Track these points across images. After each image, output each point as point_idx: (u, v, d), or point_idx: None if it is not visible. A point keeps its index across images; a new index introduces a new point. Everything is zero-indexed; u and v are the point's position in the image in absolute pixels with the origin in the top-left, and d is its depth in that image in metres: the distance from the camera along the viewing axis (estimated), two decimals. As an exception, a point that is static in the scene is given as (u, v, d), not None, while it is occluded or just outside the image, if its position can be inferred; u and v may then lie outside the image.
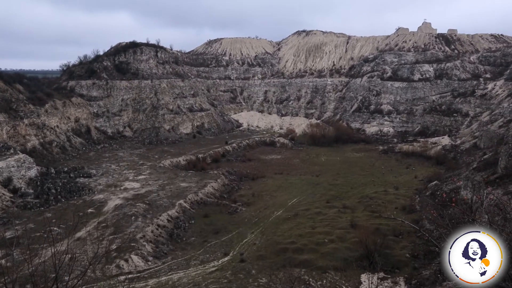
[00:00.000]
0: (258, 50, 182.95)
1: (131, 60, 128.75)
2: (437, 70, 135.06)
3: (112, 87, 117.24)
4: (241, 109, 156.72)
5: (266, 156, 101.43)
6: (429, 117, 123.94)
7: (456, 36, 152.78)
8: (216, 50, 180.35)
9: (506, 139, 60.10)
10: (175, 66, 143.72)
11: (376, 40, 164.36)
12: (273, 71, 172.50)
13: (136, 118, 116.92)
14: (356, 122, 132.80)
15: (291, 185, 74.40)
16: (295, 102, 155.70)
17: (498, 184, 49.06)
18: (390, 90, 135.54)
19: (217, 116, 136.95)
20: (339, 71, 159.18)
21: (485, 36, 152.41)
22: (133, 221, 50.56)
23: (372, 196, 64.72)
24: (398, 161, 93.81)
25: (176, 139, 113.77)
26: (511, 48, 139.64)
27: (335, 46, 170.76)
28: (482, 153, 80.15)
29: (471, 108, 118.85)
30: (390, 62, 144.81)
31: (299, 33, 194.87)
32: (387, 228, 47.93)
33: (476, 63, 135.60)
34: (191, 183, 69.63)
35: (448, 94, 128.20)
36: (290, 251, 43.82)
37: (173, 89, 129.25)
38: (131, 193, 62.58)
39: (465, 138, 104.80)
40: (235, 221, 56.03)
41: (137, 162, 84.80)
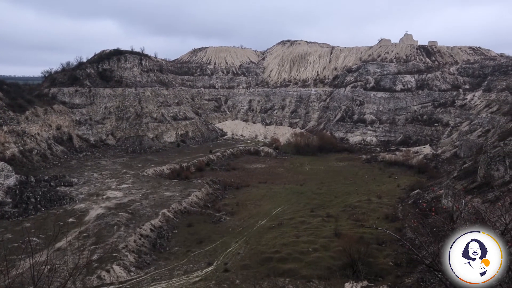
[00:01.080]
0: (243, 59, 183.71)
1: (115, 68, 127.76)
2: (419, 80, 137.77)
3: (95, 95, 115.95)
4: (226, 118, 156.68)
5: (250, 165, 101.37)
6: (411, 126, 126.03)
7: (437, 48, 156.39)
8: (201, 59, 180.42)
9: (485, 149, 61.53)
10: (160, 74, 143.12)
11: (359, 50, 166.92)
12: (258, 80, 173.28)
13: (119, 126, 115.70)
14: (339, 131, 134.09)
15: (275, 194, 74.43)
16: (279, 111, 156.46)
17: (478, 192, 50.06)
18: (373, 100, 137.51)
19: (201, 125, 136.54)
20: (323, 81, 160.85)
21: (464, 49, 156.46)
22: (115, 231, 49.74)
23: (356, 205, 65.21)
24: (381, 170, 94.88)
25: (160, 147, 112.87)
26: (488, 60, 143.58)
27: (319, 56, 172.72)
28: (462, 162, 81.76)
29: (451, 118, 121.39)
30: (373, 72, 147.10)
31: (283, 43, 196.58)
32: (371, 236, 48.27)
33: (455, 74, 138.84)
34: (174, 192, 69.02)
35: (429, 104, 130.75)
36: (274, 260, 43.68)
37: (157, 97, 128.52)
38: (114, 202, 61.65)
39: (446, 148, 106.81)
40: (219, 230, 55.66)
41: (120, 170, 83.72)
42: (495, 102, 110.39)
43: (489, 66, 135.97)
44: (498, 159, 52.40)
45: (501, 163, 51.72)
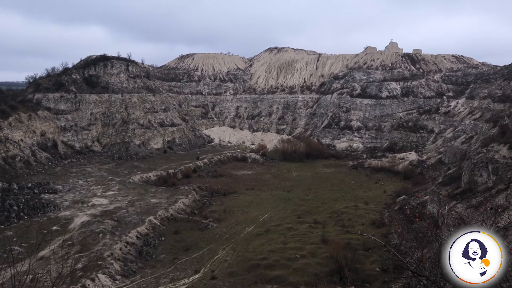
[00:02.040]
0: (230, 66, 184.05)
1: (101, 74, 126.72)
2: (404, 88, 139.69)
3: (81, 101, 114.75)
4: (213, 125, 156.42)
5: (238, 172, 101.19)
6: (397, 133, 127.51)
7: (421, 56, 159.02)
8: (188, 65, 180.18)
9: (469, 155, 62.52)
10: (147, 81, 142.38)
11: (345, 58, 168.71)
12: (245, 87, 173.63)
13: (105, 132, 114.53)
14: (326, 138, 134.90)
15: (263, 201, 74.37)
16: (266, 118, 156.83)
17: (462, 198, 50.79)
18: (359, 106, 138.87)
19: (188, 131, 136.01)
20: (310, 88, 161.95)
21: (447, 57, 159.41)
22: (100, 239, 49.03)
23: (343, 211, 65.53)
24: (368, 176, 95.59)
25: (147, 154, 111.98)
26: (470, 68, 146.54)
27: (306, 63, 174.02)
28: (447, 168, 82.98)
29: (436, 124, 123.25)
30: (359, 79, 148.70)
31: (270, 50, 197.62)
32: (358, 242, 48.51)
33: (439, 82, 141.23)
34: (161, 199, 68.44)
35: (414, 111, 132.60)
36: (262, 267, 43.55)
37: (144, 103, 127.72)
38: (99, 209, 60.84)
39: (431, 154, 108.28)
40: (206, 237, 55.32)
41: (105, 177, 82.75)
42: (477, 109, 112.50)
43: (472, 74, 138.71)
44: (481, 165, 53.31)
45: (484, 169, 52.62)
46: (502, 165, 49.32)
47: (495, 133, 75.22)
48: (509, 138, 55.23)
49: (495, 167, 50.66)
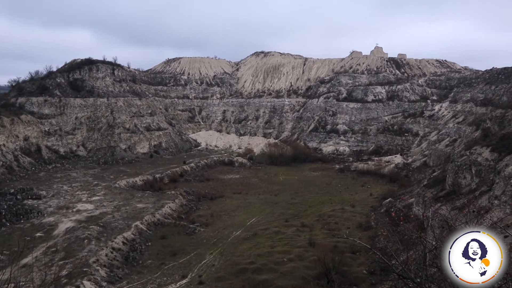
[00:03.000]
0: (217, 70, 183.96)
1: (86, 78, 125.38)
2: (389, 92, 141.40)
3: (65, 105, 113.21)
4: (200, 129, 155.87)
5: (225, 176, 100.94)
6: (382, 136, 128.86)
7: (406, 60, 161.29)
8: (174, 69, 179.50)
9: (452, 157, 63.49)
10: (133, 85, 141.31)
11: (331, 62, 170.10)
12: (232, 91, 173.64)
13: (90, 137, 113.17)
14: (313, 141, 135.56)
15: (250, 205, 74.28)
16: (253, 121, 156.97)
17: (447, 200, 51.54)
18: (345, 110, 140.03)
19: (175, 135, 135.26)
20: (297, 92, 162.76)
21: (431, 61, 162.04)
22: (86, 245, 48.32)
23: (330, 214, 65.85)
24: (354, 179, 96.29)
25: (133, 158, 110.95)
26: (453, 73, 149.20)
27: (292, 67, 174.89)
28: (432, 170, 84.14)
29: (421, 128, 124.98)
30: (345, 83, 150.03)
31: (257, 54, 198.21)
32: (345, 245, 48.75)
33: (424, 86, 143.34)
34: (148, 204, 67.83)
35: (399, 114, 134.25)
36: (250, 271, 43.45)
37: (130, 107, 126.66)
38: (84, 215, 59.98)
39: (416, 157, 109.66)
40: (194, 242, 54.98)
41: (91, 182, 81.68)
42: (461, 113, 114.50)
43: (455, 79, 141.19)
44: (465, 167, 54.20)
45: (467, 171, 53.50)
46: (485, 167, 50.22)
47: (478, 136, 76.65)
48: (491, 141, 56.30)
49: (478, 169, 51.57)
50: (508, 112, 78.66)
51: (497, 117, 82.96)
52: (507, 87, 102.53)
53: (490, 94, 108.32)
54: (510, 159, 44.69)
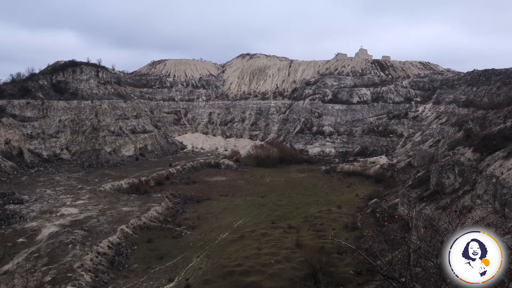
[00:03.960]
0: (203, 72, 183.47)
1: (70, 80, 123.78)
2: (374, 93, 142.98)
3: (48, 107, 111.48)
4: (186, 131, 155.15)
5: (211, 178, 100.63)
6: (368, 137, 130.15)
7: (390, 62, 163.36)
8: (160, 71, 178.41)
9: (436, 158, 64.46)
10: (117, 87, 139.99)
11: (317, 64, 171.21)
12: (218, 93, 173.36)
13: (74, 140, 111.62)
14: (299, 143, 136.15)
15: (237, 207, 74.17)
16: (239, 124, 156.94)
17: (431, 199, 52.25)
18: (331, 112, 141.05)
19: (160, 138, 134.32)
20: (282, 94, 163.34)
21: (415, 63, 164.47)
22: (70, 250, 47.57)
23: (316, 215, 66.14)
24: (340, 181, 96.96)
25: (118, 161, 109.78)
26: (436, 74, 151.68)
27: (278, 69, 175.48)
28: (416, 171, 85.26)
29: (405, 129, 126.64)
30: (330, 85, 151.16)
31: (243, 56, 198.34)
32: (332, 246, 49.00)
33: (408, 88, 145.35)
34: (133, 207, 67.16)
35: (384, 116, 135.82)
36: (237, 274, 43.35)
37: (115, 110, 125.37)
38: (69, 219, 59.07)
39: (401, 157, 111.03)
40: (180, 245, 54.61)
41: (75, 186, 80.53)
42: (444, 114, 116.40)
43: (438, 80, 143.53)
44: (448, 167, 55.07)
45: (451, 171, 54.37)
46: (467, 167, 51.10)
47: (460, 136, 78.00)
48: (473, 141, 57.33)
49: (461, 169, 52.44)
50: (489, 113, 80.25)
51: (479, 118, 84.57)
52: (487, 89, 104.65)
53: (472, 96, 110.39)
54: (492, 159, 45.59)
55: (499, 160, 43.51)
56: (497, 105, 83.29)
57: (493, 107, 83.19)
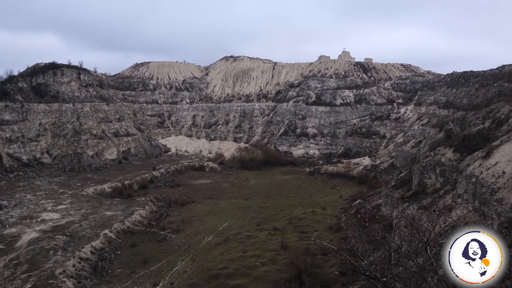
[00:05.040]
0: (186, 74, 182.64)
1: (51, 82, 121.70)
2: (357, 95, 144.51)
3: (28, 111, 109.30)
4: (169, 134, 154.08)
5: (195, 181, 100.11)
6: (351, 139, 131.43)
7: (372, 64, 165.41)
8: (143, 74, 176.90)
9: (418, 158, 65.48)
10: (100, 90, 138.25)
11: (300, 66, 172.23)
12: (201, 96, 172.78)
13: (55, 143, 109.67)
14: (283, 145, 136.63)
15: (221, 210, 73.94)
16: (223, 126, 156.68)
17: (413, 199, 53.03)
18: (314, 114, 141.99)
19: (144, 141, 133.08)
20: (266, 96, 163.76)
21: (396, 65, 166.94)
22: (51, 256, 46.64)
23: (301, 217, 66.40)
24: (324, 182, 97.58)
25: (101, 165, 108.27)
26: (417, 76, 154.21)
27: (262, 71, 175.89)
28: (399, 171, 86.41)
29: (388, 130, 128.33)
30: (314, 87, 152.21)
31: (226, 58, 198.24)
32: (316, 247, 49.23)
33: (390, 89, 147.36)
34: (117, 211, 66.29)
35: (367, 117, 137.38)
36: (222, 277, 43.18)
37: (97, 113, 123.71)
38: (50, 224, 57.93)
39: (384, 158, 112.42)
40: (165, 249, 54.13)
41: (56, 191, 79.07)
42: (425, 115, 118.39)
43: (419, 82, 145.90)
44: (430, 168, 56.02)
45: (432, 172, 55.31)
46: (448, 167, 52.06)
47: (441, 137, 79.39)
48: (454, 142, 58.47)
49: (442, 169, 53.39)
50: (468, 114, 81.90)
51: (459, 119, 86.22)
52: (466, 90, 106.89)
53: (452, 97, 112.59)
54: (471, 159, 46.54)
55: (478, 160, 44.46)
56: (475, 106, 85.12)
57: (472, 108, 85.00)
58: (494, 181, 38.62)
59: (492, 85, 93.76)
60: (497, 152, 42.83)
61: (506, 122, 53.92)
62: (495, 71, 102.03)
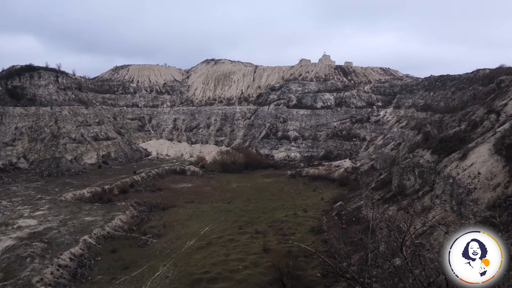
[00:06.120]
0: (167, 77, 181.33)
1: (27, 85, 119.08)
2: (337, 98, 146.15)
3: (3, 114, 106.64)
4: (150, 138, 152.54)
5: (177, 185, 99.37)
6: (332, 142, 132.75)
7: (352, 68, 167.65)
8: (123, 77, 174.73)
9: (397, 160, 66.58)
10: (78, 93, 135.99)
11: (281, 70, 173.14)
12: (182, 99, 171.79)
13: (33, 148, 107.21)
14: (264, 148, 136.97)
15: (203, 213, 73.59)
16: (204, 129, 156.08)
17: (393, 201, 53.92)
18: (295, 117, 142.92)
19: (124, 145, 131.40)
20: (247, 99, 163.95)
21: (376, 69, 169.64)
22: (28, 264, 45.52)
23: (283, 220, 66.67)
24: (306, 185, 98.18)
25: (80, 170, 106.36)
26: (396, 80, 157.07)
27: (243, 75, 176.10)
28: (379, 173, 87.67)
29: (368, 133, 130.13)
30: (295, 90, 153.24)
31: (208, 61, 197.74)
32: (298, 250, 49.47)
33: (369, 93, 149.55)
34: (96, 217, 65.21)
35: (347, 120, 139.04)
36: (205, 281, 42.98)
37: (76, 116, 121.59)
38: (26, 231, 56.55)
39: (364, 161, 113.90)
40: (146, 254, 53.52)
41: (34, 196, 77.27)
42: (404, 118, 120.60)
43: (398, 85, 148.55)
44: (409, 169, 57.07)
45: (411, 173, 56.37)
46: (426, 168, 53.15)
47: (419, 139, 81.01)
48: (431, 144, 59.71)
49: (420, 171, 54.47)
50: (445, 116, 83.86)
51: (436, 122, 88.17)
52: (443, 94, 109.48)
53: (429, 100, 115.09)
54: (448, 161, 47.65)
55: (455, 161, 45.56)
56: (452, 109, 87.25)
57: (449, 111, 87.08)
58: (470, 181, 39.64)
59: (467, 88, 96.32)
60: (473, 153, 43.99)
61: (481, 124, 55.43)
62: (470, 75, 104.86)
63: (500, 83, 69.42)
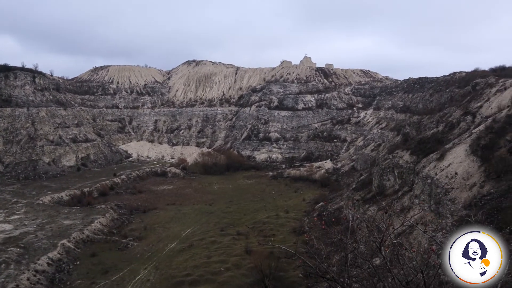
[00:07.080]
0: (148, 78, 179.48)
1: (2, 86, 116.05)
2: (318, 100, 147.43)
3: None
4: (130, 139, 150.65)
5: (158, 187, 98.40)
6: (313, 143, 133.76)
7: (333, 70, 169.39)
8: (102, 78, 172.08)
9: (377, 161, 67.54)
10: (56, 94, 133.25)
11: (263, 71, 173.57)
12: (163, 100, 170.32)
13: (8, 150, 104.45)
14: (246, 149, 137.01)
15: (185, 216, 73.08)
16: (186, 131, 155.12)
17: (373, 201, 54.66)
18: (277, 118, 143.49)
19: (104, 146, 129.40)
20: (229, 101, 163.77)
21: (356, 71, 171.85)
22: (3, 270, 44.28)
23: (265, 221, 66.74)
24: (287, 186, 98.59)
25: (58, 172, 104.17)
26: (376, 82, 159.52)
27: (224, 76, 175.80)
28: (359, 174, 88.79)
29: (348, 134, 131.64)
30: (276, 92, 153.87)
31: (189, 62, 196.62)
32: (280, 251, 49.56)
33: (350, 94, 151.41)
34: (75, 220, 63.97)
35: (328, 121, 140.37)
36: (186, 284, 42.68)
37: (54, 118, 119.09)
38: (1, 236, 55.01)
39: (345, 162, 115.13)
40: (126, 257, 52.78)
41: (9, 200, 75.28)
42: (383, 119, 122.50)
43: (377, 87, 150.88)
44: (388, 170, 57.96)
45: (391, 174, 57.26)
46: (406, 169, 54.09)
47: (399, 140, 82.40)
48: (410, 145, 60.83)
49: (400, 172, 55.39)
50: (424, 118, 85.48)
51: (415, 123, 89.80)
52: (422, 96, 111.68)
53: (408, 102, 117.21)
54: (427, 161, 48.59)
55: (433, 162, 46.49)
56: (430, 111, 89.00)
57: (427, 113, 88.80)
58: (448, 181, 40.51)
59: (444, 90, 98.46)
60: (450, 154, 44.99)
61: (457, 125, 56.75)
62: (447, 78, 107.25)
63: (475, 85, 71.25)
